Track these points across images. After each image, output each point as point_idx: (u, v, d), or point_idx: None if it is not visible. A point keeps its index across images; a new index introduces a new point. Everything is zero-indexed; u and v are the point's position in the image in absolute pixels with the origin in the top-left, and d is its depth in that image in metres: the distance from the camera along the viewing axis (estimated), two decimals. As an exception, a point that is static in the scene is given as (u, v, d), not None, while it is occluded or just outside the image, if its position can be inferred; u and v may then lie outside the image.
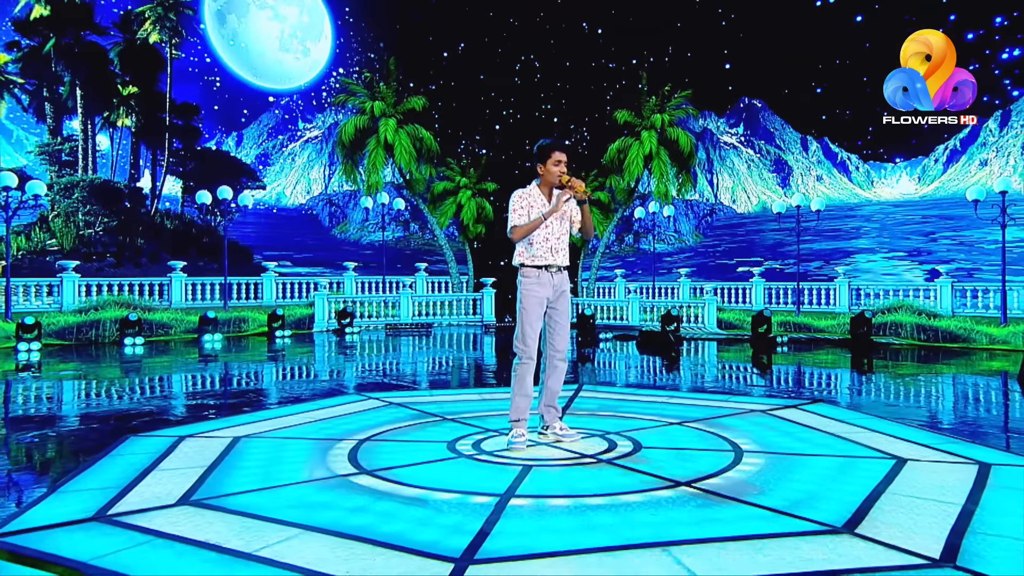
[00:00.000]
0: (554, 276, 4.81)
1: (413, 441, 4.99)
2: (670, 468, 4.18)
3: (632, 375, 9.98)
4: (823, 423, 5.48)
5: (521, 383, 4.74)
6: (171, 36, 23.37)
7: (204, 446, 4.85)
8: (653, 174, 21.91)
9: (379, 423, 5.66)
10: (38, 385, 9.31)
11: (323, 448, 4.77)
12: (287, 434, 5.25)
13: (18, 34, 21.25)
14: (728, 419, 5.68)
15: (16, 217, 16.61)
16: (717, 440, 4.92)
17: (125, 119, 22.76)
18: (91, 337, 15.86)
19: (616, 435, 5.06)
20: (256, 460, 4.47)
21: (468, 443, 4.87)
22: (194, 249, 22.49)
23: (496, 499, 3.59)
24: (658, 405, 6.37)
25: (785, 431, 5.22)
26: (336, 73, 27.03)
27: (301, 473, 4.13)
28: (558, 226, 4.85)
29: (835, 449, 4.65)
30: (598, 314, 20.54)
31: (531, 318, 4.74)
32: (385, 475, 4.06)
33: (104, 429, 5.92)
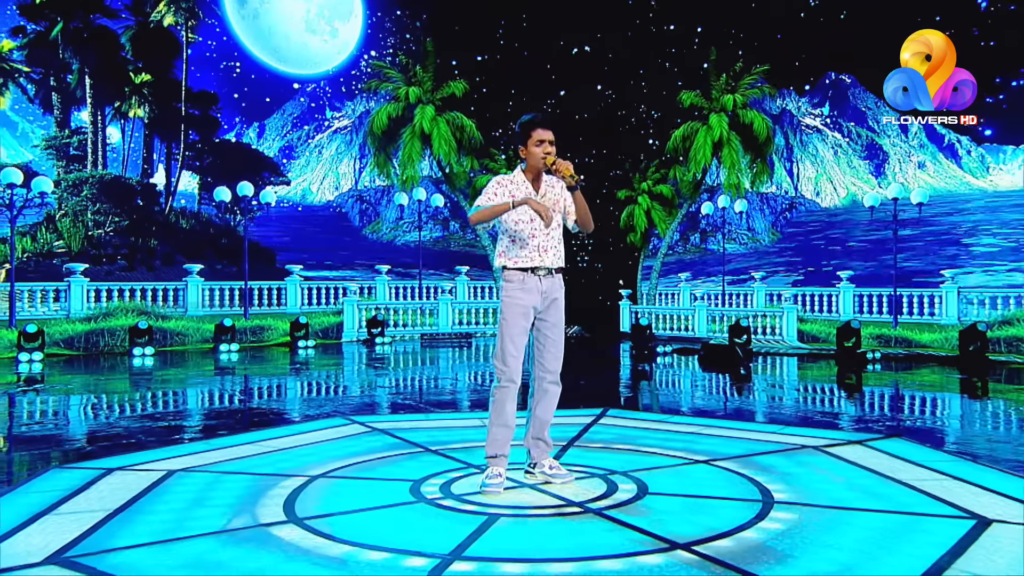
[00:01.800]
0: (543, 281, 4.35)
1: (375, 479, 4.61)
2: (671, 523, 3.66)
3: (679, 397, 9.38)
4: (892, 466, 4.83)
5: (499, 411, 4.29)
6: (187, 18, 23.78)
7: (128, 482, 4.56)
8: (723, 164, 21.11)
9: (348, 454, 5.30)
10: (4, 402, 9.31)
11: (263, 487, 4.42)
12: (233, 468, 4.93)
13: (24, 18, 21.90)
14: (770, 457, 5.09)
15: (21, 216, 17.07)
16: (745, 485, 4.36)
17: (137, 109, 23.27)
18: (100, 347, 16.09)
19: (622, 475, 4.57)
20: (177, 501, 4.14)
21: (438, 483, 4.46)
22: (211, 251, 22.80)
23: (435, 563, 3.15)
24: (690, 437, 5.81)
25: (838, 475, 4.61)
26: (367, 56, 27.06)
27: (219, 520, 3.77)
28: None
29: (896, 502, 4.02)
30: (659, 324, 19.90)
31: (512, 332, 4.29)
32: (316, 525, 3.67)
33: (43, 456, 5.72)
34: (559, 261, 4.42)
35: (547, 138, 4.32)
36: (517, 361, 4.29)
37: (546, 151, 4.30)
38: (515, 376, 4.29)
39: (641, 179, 22.77)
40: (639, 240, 22.86)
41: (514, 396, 4.32)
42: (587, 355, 16.16)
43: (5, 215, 16.83)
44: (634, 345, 16.58)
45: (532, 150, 4.32)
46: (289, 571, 3.09)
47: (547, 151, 4.30)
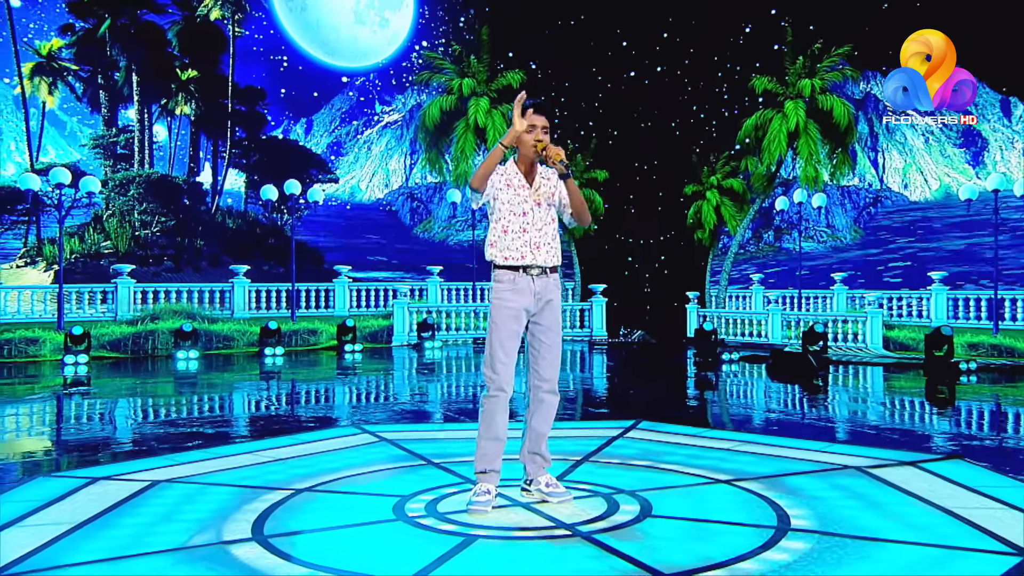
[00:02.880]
0: (535, 280, 4.20)
1: (362, 494, 4.54)
2: (664, 550, 3.47)
3: (728, 409, 9.06)
4: (941, 491, 4.49)
5: (489, 423, 4.17)
6: (234, 12, 24.39)
7: (108, 493, 4.61)
8: (799, 154, 20.47)
9: (345, 466, 5.26)
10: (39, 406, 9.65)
11: (242, 500, 4.40)
12: (219, 479, 4.94)
13: (72, 16, 22.93)
14: (803, 478, 4.81)
15: (69, 217, 17.79)
16: (763, 509, 4.12)
17: (184, 106, 24.01)
18: (147, 349, 16.60)
19: (629, 495, 4.39)
20: (148, 515, 4.16)
21: (428, 499, 4.35)
22: (259, 251, 23.35)
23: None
24: (721, 454, 5.56)
25: (873, 500, 4.31)
26: (419, 47, 27.25)
27: (182, 536, 3.75)
28: (540, 212, 4.25)
29: (933, 533, 3.72)
30: (729, 329, 19.42)
31: (502, 336, 4.15)
32: (279, 544, 3.61)
33: (39, 463, 5.87)
34: (553, 259, 4.27)
35: (540, 123, 4.20)
36: (507, 368, 4.16)
37: (538, 137, 4.17)
38: (505, 384, 4.15)
39: (710, 172, 22.27)
40: (707, 239, 22.37)
41: (505, 406, 4.19)
42: (645, 362, 15.88)
43: (54, 215, 17.62)
44: (697, 352, 16.19)
45: (523, 136, 4.19)
46: (229, 594, 3.02)
47: (539, 137, 4.17)
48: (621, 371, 13.98)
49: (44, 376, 12.67)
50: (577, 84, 24.75)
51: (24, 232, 22.26)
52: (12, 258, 21.92)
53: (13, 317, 17.31)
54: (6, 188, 21.92)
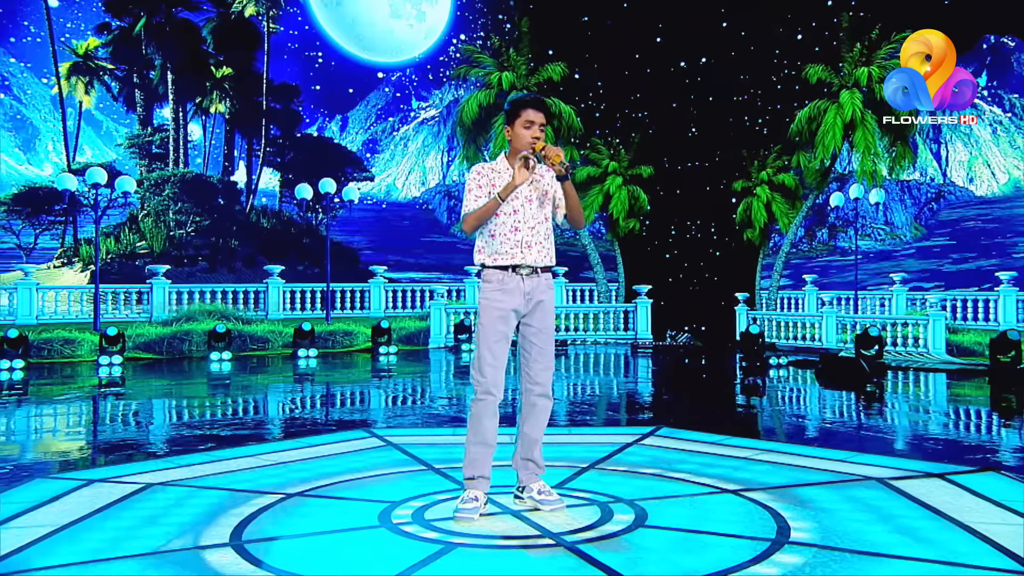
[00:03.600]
0: (525, 281, 4.18)
1: (352, 499, 4.58)
2: (647, 562, 3.44)
3: (761, 416, 8.90)
4: (964, 505, 4.36)
5: (476, 427, 4.17)
6: (268, 8, 24.82)
7: (100, 495, 4.73)
8: (856, 148, 20.03)
9: (343, 471, 5.32)
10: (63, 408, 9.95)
11: (230, 504, 4.48)
12: (214, 482, 5.03)
13: (109, 14, 23.65)
14: (816, 489, 4.72)
15: (105, 217, 18.34)
16: (764, 521, 4.05)
17: (219, 104, 24.56)
18: (183, 350, 16.99)
19: (627, 504, 4.36)
20: (132, 518, 4.25)
21: (417, 506, 4.38)
22: (293, 251, 23.73)
23: (352, 597, 3.06)
24: (737, 463, 5.47)
25: (885, 514, 4.20)
26: (456, 40, 27.36)
27: (159, 541, 3.83)
28: (532, 211, 4.23)
29: (942, 549, 3.61)
30: (780, 332, 19.10)
31: (490, 338, 4.15)
32: (254, 549, 3.67)
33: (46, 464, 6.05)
34: (545, 259, 4.25)
35: (538, 120, 4.18)
36: (496, 371, 4.15)
37: (535, 135, 4.15)
38: (493, 388, 4.14)
39: (760, 168, 21.94)
40: (758, 237, 22.03)
41: (493, 410, 4.18)
42: (686, 367, 15.70)
43: (90, 215, 18.17)
44: (743, 356, 15.97)
45: (519, 132, 4.20)
46: (192, 598, 3.08)
47: (536, 135, 4.15)
48: (658, 375, 13.85)
49: (79, 377, 13.06)
50: (621, 77, 24.57)
51: (61, 232, 23.00)
52: (49, 259, 22.67)
53: (51, 318, 17.90)
54: (44, 188, 22.70)
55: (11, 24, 23.44)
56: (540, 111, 4.19)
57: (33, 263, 20.78)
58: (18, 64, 23.77)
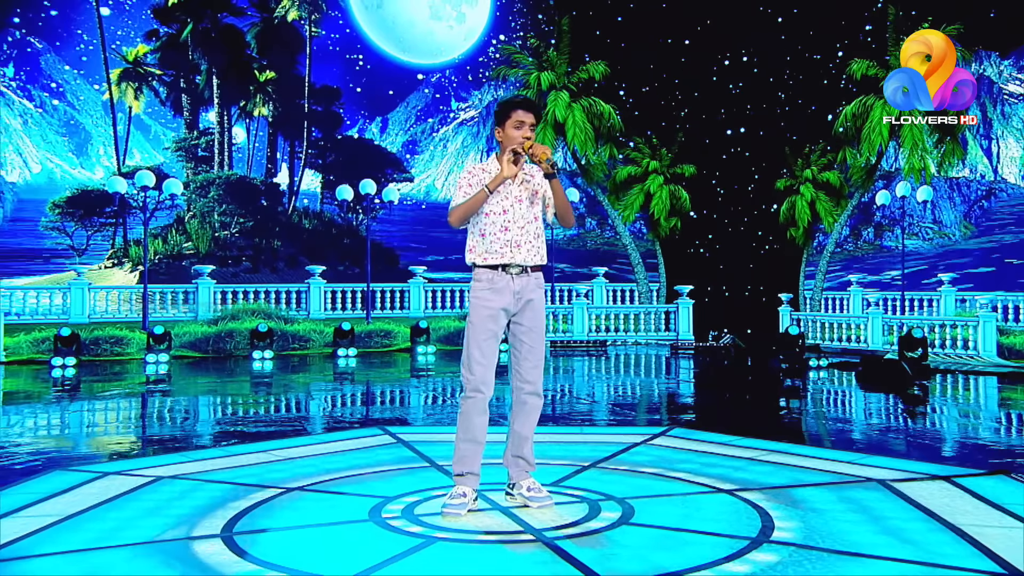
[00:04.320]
0: (515, 280, 4.24)
1: (348, 494, 4.70)
2: (621, 558, 3.49)
3: (791, 418, 8.80)
4: (961, 508, 4.30)
5: (466, 425, 4.24)
6: (310, 12, 25.32)
7: (111, 487, 4.92)
8: (903, 144, 19.60)
9: (346, 467, 5.44)
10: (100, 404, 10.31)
11: (231, 497, 4.63)
12: (220, 476, 5.19)
13: (157, 21, 24.41)
14: (812, 490, 4.69)
15: (153, 219, 18.87)
16: (750, 519, 4.06)
17: (262, 108, 25.11)
18: (227, 349, 17.40)
19: (617, 502, 4.40)
20: (136, 509, 4.42)
21: (410, 501, 4.47)
22: (334, 252, 24.11)
23: (322, 587, 3.16)
24: (740, 463, 5.45)
25: (876, 515, 4.17)
26: (496, 41, 27.46)
27: (155, 531, 3.97)
28: (522, 210, 4.30)
29: (925, 551, 3.57)
30: (825, 334, 18.79)
31: (479, 336, 4.22)
32: (241, 540, 3.79)
33: (72, 458, 6.28)
34: (535, 258, 4.30)
35: (527, 120, 4.25)
36: (485, 369, 4.22)
37: (525, 135, 4.22)
38: (482, 385, 4.21)
39: (804, 165, 21.60)
40: (801, 237, 21.69)
41: (483, 408, 4.24)
42: (722, 368, 15.55)
43: (139, 217, 18.72)
44: (783, 357, 15.75)
45: (510, 132, 4.26)
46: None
47: (526, 135, 4.22)
48: (690, 376, 13.75)
49: (127, 375, 13.48)
50: (662, 75, 24.42)
51: (112, 234, 23.73)
52: (100, 259, 23.41)
53: (102, 316, 18.50)
54: (95, 191, 23.47)
55: (66, 33, 24.26)
56: (530, 111, 4.26)
57: (85, 263, 21.48)
58: (72, 72, 24.60)
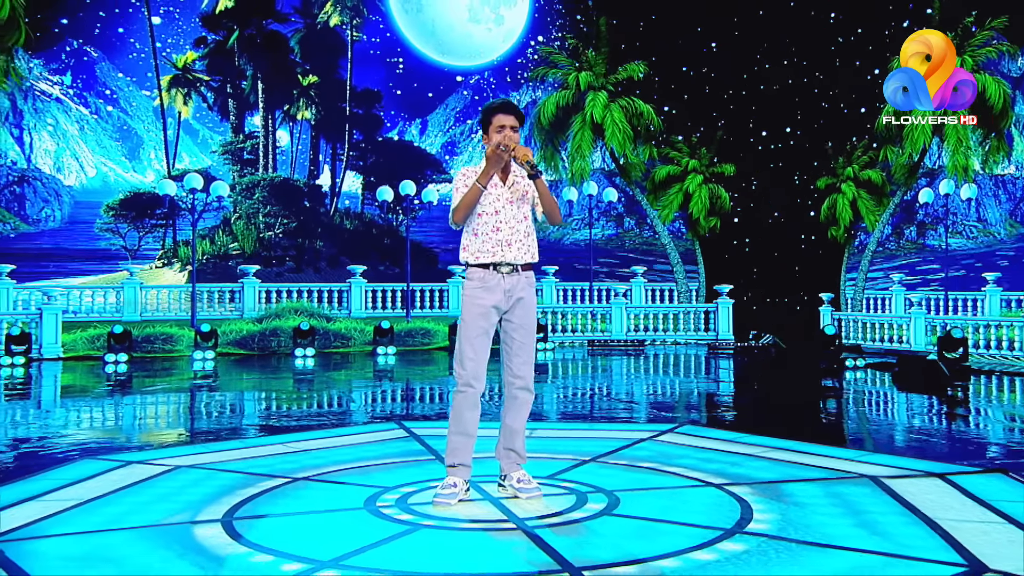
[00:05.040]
0: (506, 278, 4.40)
1: (350, 484, 4.89)
2: (595, 546, 3.62)
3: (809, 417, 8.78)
4: (946, 503, 4.33)
5: (457, 418, 4.41)
6: (352, 17, 25.87)
7: (131, 474, 5.19)
8: (947, 141, 19.22)
9: (355, 459, 5.65)
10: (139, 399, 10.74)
11: (240, 485, 4.85)
12: (234, 466, 5.42)
13: (205, 29, 25.28)
14: (802, 485, 4.76)
15: (201, 220, 19.46)
16: (731, 512, 4.15)
17: (305, 111, 25.72)
18: (272, 347, 17.88)
19: (606, 494, 4.53)
20: (149, 495, 4.66)
21: (406, 491, 4.65)
22: (375, 252, 24.55)
23: (306, 568, 3.37)
24: (736, 458, 5.52)
25: (857, 509, 4.23)
26: (534, 42, 27.60)
27: (164, 515, 4.21)
28: (512, 211, 4.45)
29: (894, 543, 3.63)
30: (865, 334, 18.55)
31: (470, 333, 4.38)
32: (239, 526, 3.99)
33: (106, 448, 6.61)
34: (526, 256, 4.44)
35: (508, 123, 4.40)
36: (476, 364, 4.37)
37: (508, 136, 4.36)
38: (473, 380, 4.36)
39: (845, 164, 21.31)
40: (842, 236, 21.41)
41: (474, 402, 4.39)
42: (760, 367, 15.46)
43: (188, 218, 19.32)
44: (819, 357, 15.61)
45: (494, 137, 4.42)
46: (166, 568, 3.42)
47: (510, 136, 4.36)
48: (722, 375, 13.71)
49: (175, 371, 13.96)
50: (702, 74, 24.31)
51: (162, 235, 24.50)
52: (151, 259, 24.19)
53: (152, 315, 19.13)
54: (146, 194, 24.30)
55: (119, 42, 25.15)
56: (510, 114, 4.43)
57: (137, 263, 22.18)
58: (125, 79, 25.50)
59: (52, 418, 8.55)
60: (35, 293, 19.01)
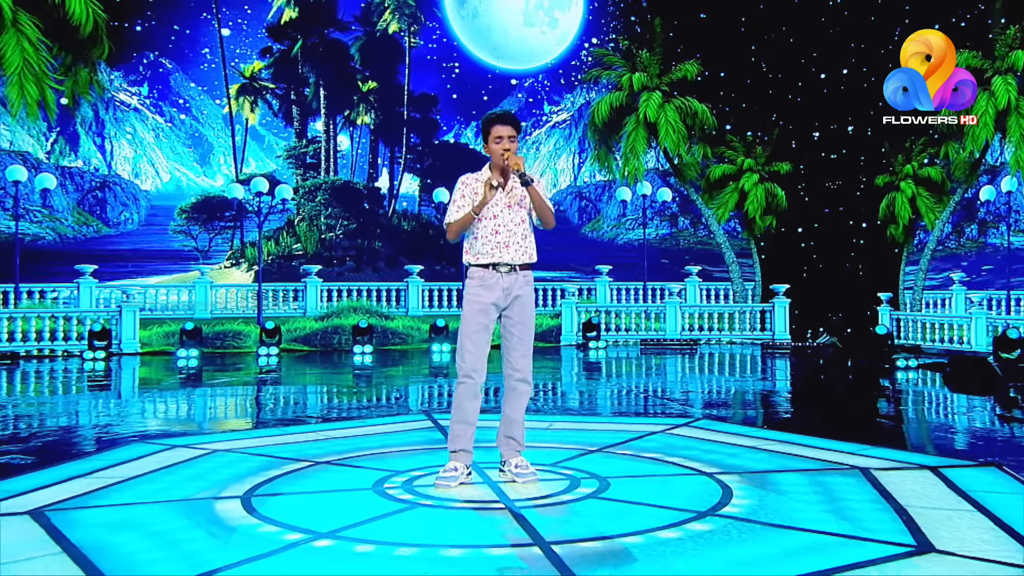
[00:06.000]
0: (504, 277, 4.70)
1: (364, 468, 5.22)
2: (573, 524, 3.92)
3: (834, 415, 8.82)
4: (927, 493, 4.47)
5: (459, 407, 4.72)
6: (410, 24, 26.59)
7: (173, 456, 5.66)
8: (1009, 137, 18.75)
9: (378, 446, 6.00)
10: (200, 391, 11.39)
11: (266, 467, 5.25)
12: (265, 451, 5.83)
13: (271, 39, 26.38)
14: (791, 475, 4.95)
15: (267, 222, 20.28)
16: (710, 497, 4.37)
17: (364, 116, 26.57)
18: (333, 343, 18.56)
19: (599, 480, 4.78)
20: (185, 474, 5.10)
21: (415, 475, 4.96)
22: (431, 252, 25.13)
23: (305, 537, 3.73)
24: (736, 450, 5.71)
25: (835, 496, 4.41)
26: (588, 44, 27.75)
27: (193, 492, 4.63)
28: (510, 215, 4.74)
29: (854, 527, 3.80)
30: (926, 334, 18.20)
31: (469, 328, 4.69)
32: (256, 502, 4.36)
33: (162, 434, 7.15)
34: (523, 257, 4.72)
35: (505, 134, 4.66)
36: (476, 358, 4.67)
37: (505, 147, 4.64)
38: (473, 372, 4.66)
39: (904, 161, 20.93)
40: (902, 234, 21.04)
41: (474, 392, 4.68)
42: (808, 367, 15.33)
43: (254, 220, 20.15)
44: (869, 357, 15.44)
45: (492, 147, 4.69)
46: (183, 534, 3.83)
47: (506, 147, 4.64)
48: (764, 374, 13.69)
49: (241, 366, 14.68)
50: (757, 72, 24.10)
51: (230, 236, 25.57)
52: (221, 259, 25.28)
53: (222, 312, 20.02)
54: (216, 197, 25.45)
55: (191, 53, 26.37)
56: (507, 125, 4.68)
57: (207, 264, 23.21)
58: (196, 88, 26.75)
59: (123, 407, 9.20)
60: (115, 291, 20.08)
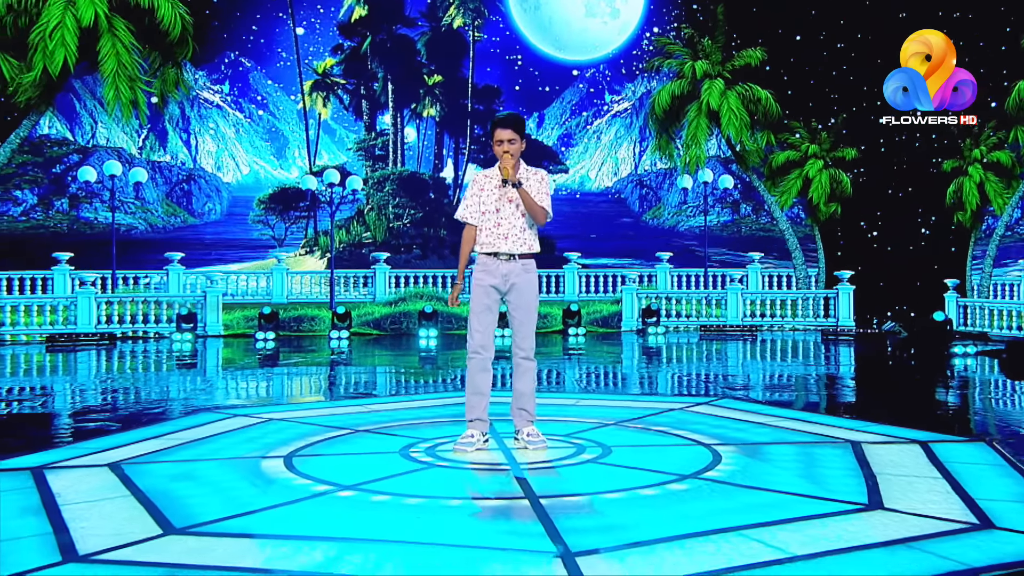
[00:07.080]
0: (503, 264, 5.18)
1: (398, 436, 5.74)
2: (561, 483, 4.40)
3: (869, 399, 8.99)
4: (903, 463, 4.78)
5: (471, 380, 5.24)
6: (474, 18, 27.26)
7: (232, 424, 6.32)
8: (1081, 120, 18.17)
9: (414, 417, 6.56)
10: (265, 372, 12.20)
11: (311, 433, 5.84)
12: (314, 420, 6.45)
13: (342, 37, 27.51)
14: (783, 447, 5.31)
15: (338, 212, 21.20)
16: (698, 463, 4.75)
17: (430, 109, 27.38)
18: (401, 328, 19.33)
19: (603, 448, 5.19)
20: (241, 438, 5.76)
21: (439, 442, 5.46)
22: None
23: (329, 488, 4.29)
24: (745, 426, 6.05)
25: (817, 464, 4.78)
26: (649, 34, 27.77)
27: (243, 451, 5.26)
28: (511, 209, 5.20)
29: (820, 489, 4.15)
30: (993, 322, 17.87)
31: (476, 308, 5.22)
32: (296, 461, 4.93)
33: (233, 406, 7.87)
34: (520, 247, 5.17)
35: (504, 137, 5.09)
36: (482, 335, 5.18)
37: (504, 150, 5.08)
38: (481, 348, 5.17)
39: (973, 145, 20.43)
40: (969, 220, 20.56)
41: (484, 366, 5.18)
42: (865, 353, 15.26)
43: (327, 210, 21.09)
44: (927, 344, 15.29)
45: (496, 149, 5.16)
46: (229, 484, 4.44)
47: (505, 150, 5.08)
48: (818, 360, 13.75)
49: (314, 348, 15.53)
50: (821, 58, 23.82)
51: (305, 226, 26.76)
52: (296, 247, 26.49)
53: (297, 297, 21.03)
54: (291, 188, 26.69)
55: (268, 52, 27.61)
56: (505, 128, 5.09)
57: (284, 251, 24.35)
58: (273, 85, 28.03)
59: (202, 384, 10.06)
60: (200, 277, 21.31)
